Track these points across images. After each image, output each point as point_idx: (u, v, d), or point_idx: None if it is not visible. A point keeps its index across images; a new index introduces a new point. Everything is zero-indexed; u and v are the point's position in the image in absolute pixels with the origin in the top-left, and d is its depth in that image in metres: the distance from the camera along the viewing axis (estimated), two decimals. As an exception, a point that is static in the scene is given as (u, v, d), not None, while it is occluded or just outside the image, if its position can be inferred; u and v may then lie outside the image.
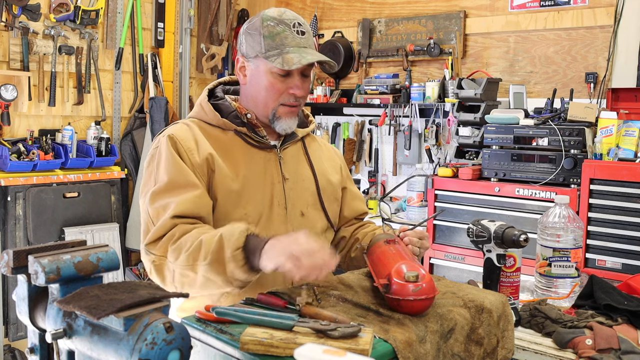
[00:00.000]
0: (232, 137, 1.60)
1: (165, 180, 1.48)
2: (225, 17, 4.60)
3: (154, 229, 1.44)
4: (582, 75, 3.52)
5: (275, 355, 1.02)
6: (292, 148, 1.69)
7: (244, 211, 1.53)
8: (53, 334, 0.90)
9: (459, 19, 3.92)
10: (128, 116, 4.15)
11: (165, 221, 1.43)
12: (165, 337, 0.81)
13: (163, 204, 1.46)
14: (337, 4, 4.56)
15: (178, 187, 1.47)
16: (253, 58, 1.58)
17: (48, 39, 3.59)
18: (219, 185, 1.52)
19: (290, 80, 1.57)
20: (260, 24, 1.56)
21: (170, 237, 1.42)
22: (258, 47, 1.56)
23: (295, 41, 1.55)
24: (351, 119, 4.41)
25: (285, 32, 1.54)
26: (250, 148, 1.60)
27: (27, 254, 0.94)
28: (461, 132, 3.51)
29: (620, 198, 2.77)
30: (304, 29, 1.57)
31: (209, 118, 1.62)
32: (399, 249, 1.40)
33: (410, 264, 1.27)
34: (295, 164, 1.67)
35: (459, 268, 3.30)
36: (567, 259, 1.71)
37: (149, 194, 1.49)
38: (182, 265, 1.38)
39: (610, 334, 1.41)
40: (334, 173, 1.77)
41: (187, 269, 1.37)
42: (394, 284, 1.21)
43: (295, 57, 1.52)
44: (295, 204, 1.62)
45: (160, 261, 1.43)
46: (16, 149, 3.39)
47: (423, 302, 1.20)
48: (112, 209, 3.83)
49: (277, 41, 1.54)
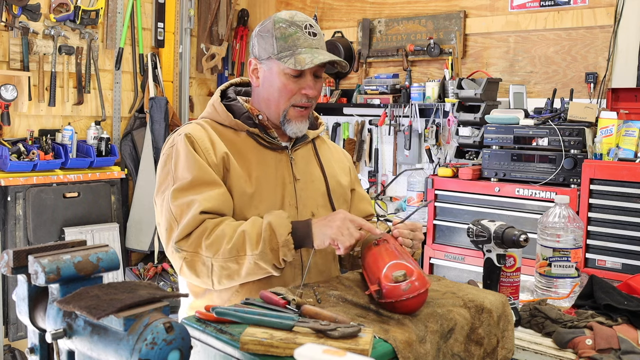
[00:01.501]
0: (245, 138, 1.62)
1: (188, 178, 1.49)
2: (225, 17, 4.60)
3: (181, 226, 1.45)
4: (582, 75, 3.52)
5: (275, 355, 1.02)
6: (302, 149, 1.71)
7: (257, 211, 1.55)
8: (53, 334, 0.90)
9: (459, 19, 3.92)
10: (128, 116, 4.15)
11: (194, 217, 1.44)
12: (165, 337, 0.81)
13: (187, 201, 1.47)
14: (337, 4, 4.56)
15: (201, 185, 1.48)
16: (266, 60, 1.60)
17: (48, 39, 3.59)
18: (233, 186, 1.54)
19: (303, 80, 1.59)
20: (273, 26, 1.58)
21: (203, 232, 1.44)
22: (270, 48, 1.58)
23: (308, 42, 1.57)
24: (351, 119, 4.41)
25: (298, 33, 1.57)
26: (262, 149, 1.62)
27: (27, 254, 0.94)
28: (461, 132, 3.51)
29: (620, 198, 2.77)
30: (315, 31, 1.60)
31: (221, 119, 1.63)
32: (387, 248, 1.39)
33: (397, 263, 1.26)
34: (305, 165, 1.69)
35: (459, 268, 3.29)
36: (567, 259, 1.71)
37: (171, 191, 1.49)
38: (224, 258, 1.41)
39: (610, 334, 1.41)
40: (343, 175, 1.79)
41: (231, 261, 1.41)
42: (384, 287, 1.21)
43: (307, 57, 1.54)
44: (306, 204, 1.64)
45: (193, 257, 1.44)
46: (16, 149, 3.39)
47: (417, 299, 1.19)
48: (112, 209, 3.83)
49: (289, 42, 1.56)
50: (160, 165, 1.59)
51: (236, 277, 1.44)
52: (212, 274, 1.44)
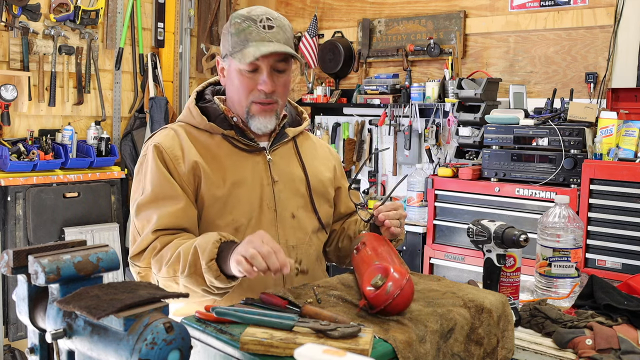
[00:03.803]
0: (220, 141, 1.58)
1: (149, 191, 1.50)
2: (225, 17, 4.60)
3: (137, 243, 1.48)
4: (582, 75, 3.52)
5: (275, 355, 1.02)
6: (282, 149, 1.66)
7: (231, 217, 1.53)
8: (53, 334, 0.90)
9: (459, 19, 3.92)
10: (128, 116, 4.15)
11: (147, 235, 1.46)
12: (165, 337, 0.81)
13: (147, 216, 1.48)
14: (337, 4, 4.56)
15: (161, 199, 1.48)
16: (226, 57, 1.58)
17: (48, 39, 3.59)
18: (205, 193, 1.51)
19: (258, 76, 1.54)
20: (230, 22, 1.55)
21: (152, 250, 1.45)
22: (228, 45, 1.55)
23: (260, 35, 1.51)
24: (351, 119, 4.41)
25: (250, 27, 1.51)
26: (238, 152, 1.58)
27: (27, 254, 0.94)
28: (461, 132, 3.51)
29: (620, 198, 2.77)
30: (273, 24, 1.52)
31: (196, 122, 1.60)
32: (363, 255, 1.39)
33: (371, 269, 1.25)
34: (285, 165, 1.64)
35: (459, 268, 3.30)
36: (567, 259, 1.71)
37: (135, 205, 1.52)
38: (164, 277, 1.41)
39: (610, 334, 1.41)
40: (326, 172, 1.74)
41: (169, 280, 1.41)
42: (370, 299, 1.20)
43: (252, 50, 1.49)
44: (286, 206, 1.60)
45: (146, 272, 1.47)
46: (16, 149, 3.39)
47: (403, 296, 1.18)
48: (112, 209, 3.83)
49: (241, 37, 1.51)
50: (135, 171, 1.60)
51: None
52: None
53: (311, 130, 4.51)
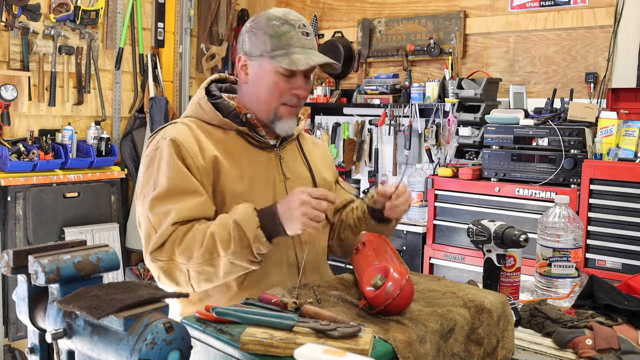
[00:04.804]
0: (234, 137, 1.60)
1: (165, 186, 1.47)
2: (225, 17, 4.60)
3: (156, 237, 1.45)
4: (582, 75, 3.52)
5: (275, 355, 1.02)
6: (289, 147, 1.70)
7: None
8: (53, 334, 0.90)
9: (459, 19, 3.92)
10: (128, 116, 4.15)
11: (167, 228, 1.44)
12: (165, 337, 0.81)
13: (164, 210, 1.46)
14: (337, 4, 4.56)
15: (179, 194, 1.47)
16: (257, 57, 1.57)
17: (48, 39, 3.59)
18: (226, 188, 1.52)
19: (294, 80, 1.57)
20: (266, 23, 1.56)
21: (174, 241, 1.43)
22: (263, 46, 1.55)
23: (301, 42, 1.55)
24: (351, 119, 4.41)
25: (291, 32, 1.54)
26: (252, 148, 1.61)
27: (27, 254, 0.94)
28: (461, 132, 3.51)
29: (620, 198, 2.77)
30: (308, 30, 1.58)
31: (209, 118, 1.60)
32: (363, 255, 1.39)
33: (371, 269, 1.25)
34: (293, 163, 1.68)
35: (459, 268, 3.29)
36: (567, 259, 1.71)
37: (149, 200, 1.49)
38: (198, 263, 1.41)
39: (610, 334, 1.41)
40: (327, 170, 1.80)
41: (205, 264, 1.41)
42: (370, 299, 1.21)
43: (302, 58, 1.52)
44: None
45: (169, 265, 1.44)
46: (16, 149, 3.39)
47: (402, 296, 1.18)
48: (112, 209, 3.83)
49: (282, 41, 1.54)
50: (143, 166, 1.57)
51: (215, 278, 1.44)
52: (190, 279, 1.44)
53: (311, 130, 4.52)
